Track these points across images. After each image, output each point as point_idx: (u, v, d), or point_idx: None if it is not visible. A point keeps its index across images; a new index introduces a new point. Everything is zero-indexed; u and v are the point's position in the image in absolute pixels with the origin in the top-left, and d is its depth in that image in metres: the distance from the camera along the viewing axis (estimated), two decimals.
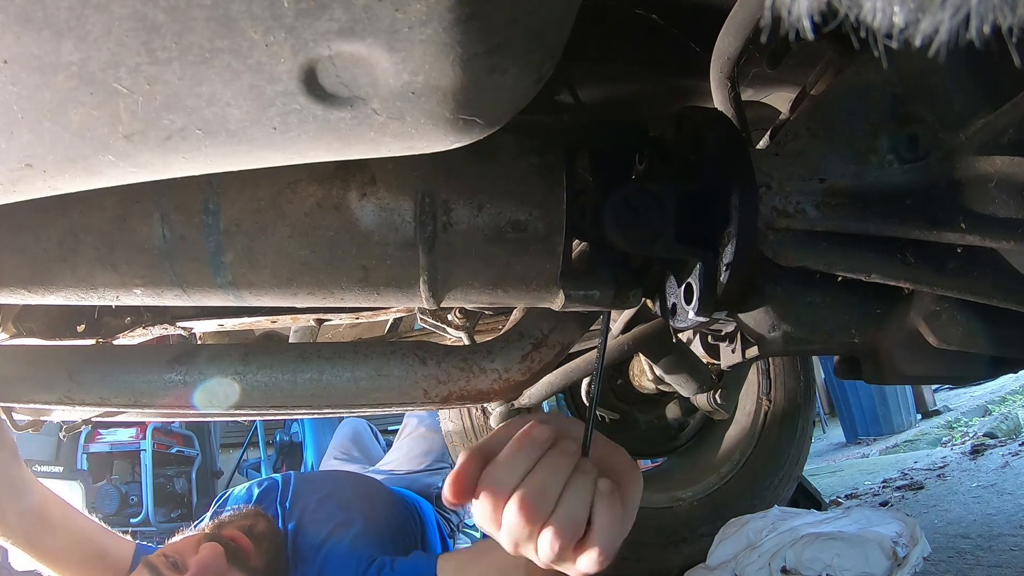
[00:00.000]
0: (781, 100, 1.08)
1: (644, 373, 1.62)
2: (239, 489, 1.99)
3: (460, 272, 0.61)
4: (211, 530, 1.51)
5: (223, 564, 1.37)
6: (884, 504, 2.67)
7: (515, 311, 1.04)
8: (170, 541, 1.50)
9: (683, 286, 0.65)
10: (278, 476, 1.95)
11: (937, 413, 5.59)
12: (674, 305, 0.68)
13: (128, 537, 1.53)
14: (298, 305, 0.65)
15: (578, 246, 0.71)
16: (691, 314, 0.63)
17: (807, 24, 0.21)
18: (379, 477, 2.33)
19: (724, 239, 0.61)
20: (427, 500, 2.31)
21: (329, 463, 3.01)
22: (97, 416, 1.02)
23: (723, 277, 0.61)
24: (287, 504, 1.78)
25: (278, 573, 1.51)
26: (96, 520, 1.38)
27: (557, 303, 0.65)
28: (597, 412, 2.01)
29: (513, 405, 1.38)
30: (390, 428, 3.66)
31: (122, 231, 0.57)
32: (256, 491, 1.89)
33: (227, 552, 1.39)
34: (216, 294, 0.61)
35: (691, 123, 0.65)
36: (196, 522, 1.92)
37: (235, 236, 0.57)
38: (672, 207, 0.62)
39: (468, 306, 0.88)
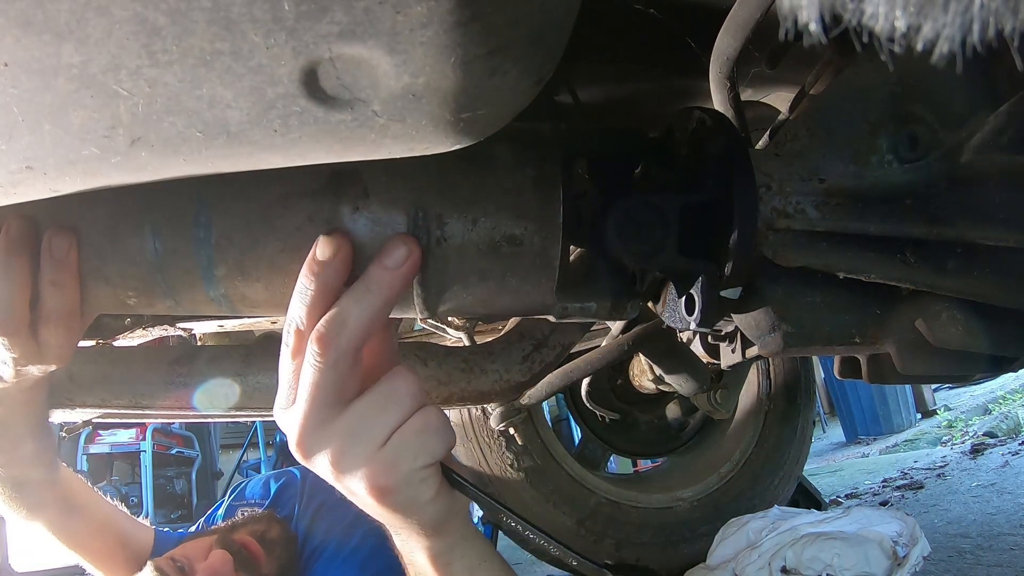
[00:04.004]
0: (780, 100, 1.09)
1: (644, 373, 1.62)
2: (255, 481, 1.97)
3: (454, 286, 0.60)
4: (222, 533, 1.50)
5: (230, 572, 1.36)
6: (884, 504, 2.67)
7: None
8: (184, 539, 1.50)
9: (684, 297, 0.65)
10: (296, 470, 1.91)
11: (937, 412, 5.60)
12: (675, 312, 0.68)
13: (146, 523, 1.52)
14: None
15: (574, 251, 0.70)
16: (693, 325, 0.63)
17: (816, 28, 0.21)
18: None
19: (725, 250, 0.61)
20: None
21: None
22: (97, 417, 1.02)
23: (724, 290, 0.61)
24: (303, 499, 1.76)
25: None
26: (117, 505, 1.37)
27: (553, 315, 0.64)
28: (598, 412, 2.01)
29: (513, 405, 1.38)
30: None
31: (113, 243, 0.57)
32: (274, 485, 1.86)
33: (237, 559, 1.39)
34: (210, 305, 0.61)
35: (691, 128, 0.65)
36: (209, 513, 1.92)
37: (227, 250, 0.57)
38: (675, 219, 0.62)
39: (463, 317, 0.87)
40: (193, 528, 1.86)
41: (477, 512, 2.39)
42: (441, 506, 0.58)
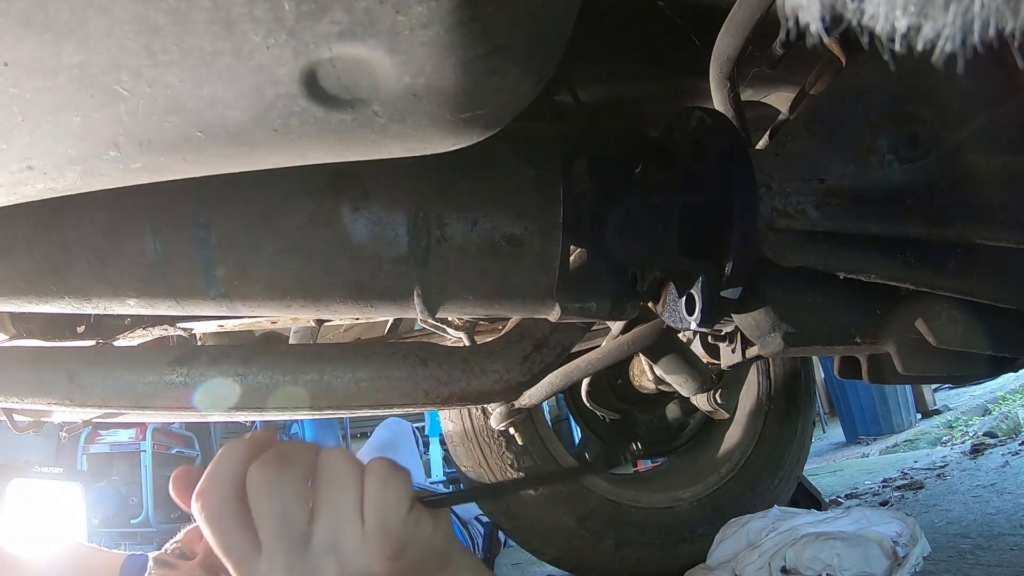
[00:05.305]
0: (781, 100, 1.08)
1: (644, 373, 1.62)
2: None
3: (455, 286, 0.60)
4: None
5: None
6: (884, 504, 2.67)
7: None
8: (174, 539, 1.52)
9: (684, 297, 0.65)
10: None
11: (937, 412, 5.59)
12: (675, 312, 0.68)
13: (119, 550, 1.54)
14: (293, 316, 0.65)
15: (575, 251, 0.70)
16: (693, 325, 0.63)
17: (818, 28, 0.21)
18: None
19: (725, 250, 0.61)
20: None
21: None
22: (97, 417, 1.02)
23: (724, 290, 0.61)
24: None
25: None
26: (73, 543, 1.38)
27: (553, 315, 0.64)
28: (598, 412, 2.01)
29: (513, 405, 1.38)
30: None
31: (114, 244, 0.57)
32: None
33: None
34: (210, 306, 0.61)
35: (691, 128, 0.65)
36: None
37: (227, 250, 0.57)
38: (675, 219, 0.62)
39: (464, 317, 0.87)
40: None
41: (476, 511, 2.39)
42: (443, 531, 0.58)
